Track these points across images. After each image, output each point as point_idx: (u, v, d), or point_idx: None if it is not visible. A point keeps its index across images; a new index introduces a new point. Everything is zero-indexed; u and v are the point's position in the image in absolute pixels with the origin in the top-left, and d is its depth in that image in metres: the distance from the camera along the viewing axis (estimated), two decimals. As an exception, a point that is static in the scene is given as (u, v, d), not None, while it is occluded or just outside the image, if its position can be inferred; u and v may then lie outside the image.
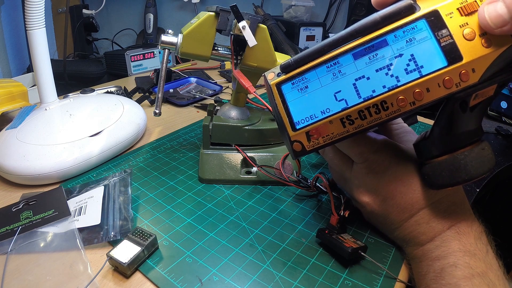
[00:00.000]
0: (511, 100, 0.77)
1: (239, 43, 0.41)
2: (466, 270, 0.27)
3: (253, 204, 0.42)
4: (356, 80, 0.27)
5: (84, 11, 1.09)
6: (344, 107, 0.28)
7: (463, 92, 0.25)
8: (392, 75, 0.26)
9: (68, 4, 0.86)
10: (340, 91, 0.27)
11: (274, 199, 0.43)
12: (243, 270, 0.33)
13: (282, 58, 0.44)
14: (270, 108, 0.41)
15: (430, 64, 0.25)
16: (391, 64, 0.26)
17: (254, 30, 0.39)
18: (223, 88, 0.81)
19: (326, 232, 0.35)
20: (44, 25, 0.49)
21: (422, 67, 0.25)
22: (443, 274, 0.28)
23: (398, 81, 0.26)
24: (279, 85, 0.29)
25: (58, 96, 0.54)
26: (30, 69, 0.88)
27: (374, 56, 0.26)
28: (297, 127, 0.29)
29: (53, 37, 1.05)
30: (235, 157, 0.46)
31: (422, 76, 0.25)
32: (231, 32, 0.40)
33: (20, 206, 0.37)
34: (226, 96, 0.78)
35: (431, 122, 0.67)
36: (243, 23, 0.38)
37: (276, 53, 0.43)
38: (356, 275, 0.33)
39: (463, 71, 0.25)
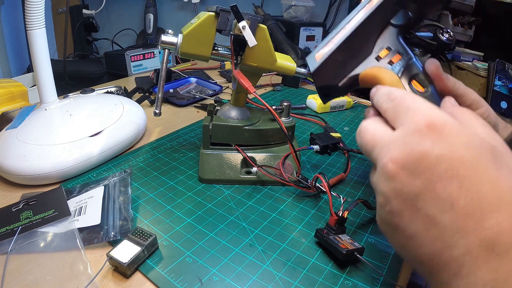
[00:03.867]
0: (511, 100, 0.78)
1: (239, 43, 0.41)
2: None
3: (253, 204, 0.42)
4: None
5: (84, 11, 1.09)
6: None
7: None
8: None
9: (68, 4, 0.87)
10: None
11: (274, 199, 0.43)
12: (243, 270, 0.33)
13: (282, 58, 0.44)
14: (270, 108, 0.41)
15: None
16: None
17: (254, 30, 0.39)
18: (223, 88, 0.81)
19: (324, 232, 0.35)
20: (44, 25, 0.49)
21: None
22: None
23: None
24: None
25: (58, 96, 0.54)
26: (30, 69, 0.88)
27: None
28: None
29: (53, 37, 1.05)
30: (235, 157, 0.46)
31: None
32: (231, 32, 0.40)
33: (20, 206, 0.37)
34: (226, 96, 0.78)
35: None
36: (243, 23, 0.38)
37: (276, 53, 0.43)
38: (356, 275, 0.33)
39: None
